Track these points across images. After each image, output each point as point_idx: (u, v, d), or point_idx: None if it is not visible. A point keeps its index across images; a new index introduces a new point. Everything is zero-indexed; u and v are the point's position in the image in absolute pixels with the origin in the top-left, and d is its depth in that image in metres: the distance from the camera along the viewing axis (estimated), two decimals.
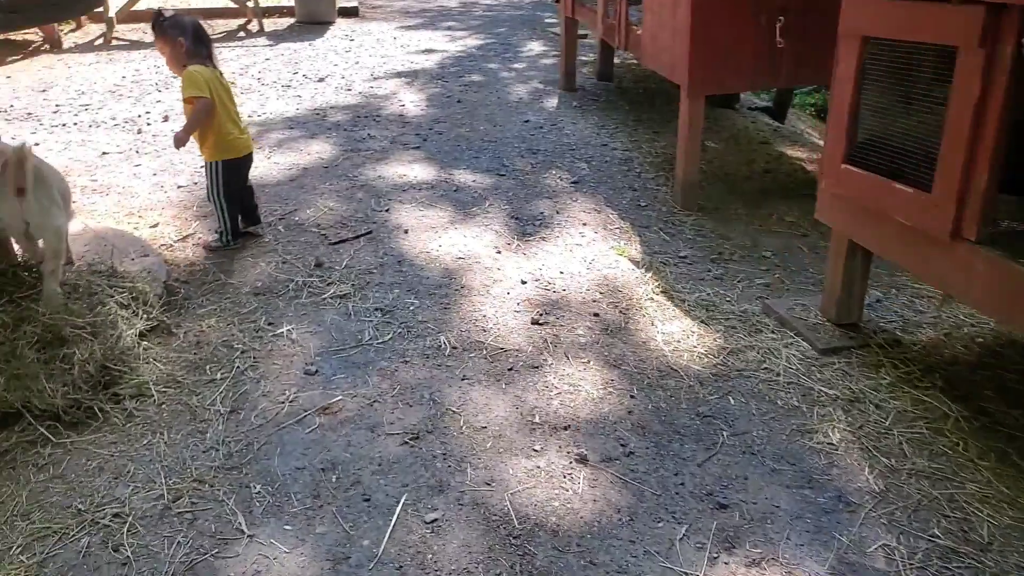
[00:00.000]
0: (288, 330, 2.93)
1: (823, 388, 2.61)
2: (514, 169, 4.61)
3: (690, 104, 3.97)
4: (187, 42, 3.34)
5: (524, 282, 3.32)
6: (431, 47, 7.84)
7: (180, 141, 3.38)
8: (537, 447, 2.32)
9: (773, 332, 2.97)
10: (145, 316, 2.81)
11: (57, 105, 5.83)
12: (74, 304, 2.64)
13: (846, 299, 2.91)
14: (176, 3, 9.02)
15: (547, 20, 9.42)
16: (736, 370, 2.73)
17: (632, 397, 2.57)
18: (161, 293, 3.04)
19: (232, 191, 3.54)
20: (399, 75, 6.70)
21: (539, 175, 4.54)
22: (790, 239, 3.84)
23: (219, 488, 2.15)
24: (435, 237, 3.71)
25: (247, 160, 3.63)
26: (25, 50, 7.50)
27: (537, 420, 2.44)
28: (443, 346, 2.85)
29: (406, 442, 2.33)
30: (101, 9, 7.96)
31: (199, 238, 3.69)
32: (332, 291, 3.21)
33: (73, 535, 1.98)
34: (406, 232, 3.75)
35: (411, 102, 5.91)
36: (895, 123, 2.46)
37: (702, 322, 3.03)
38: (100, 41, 7.98)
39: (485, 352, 2.81)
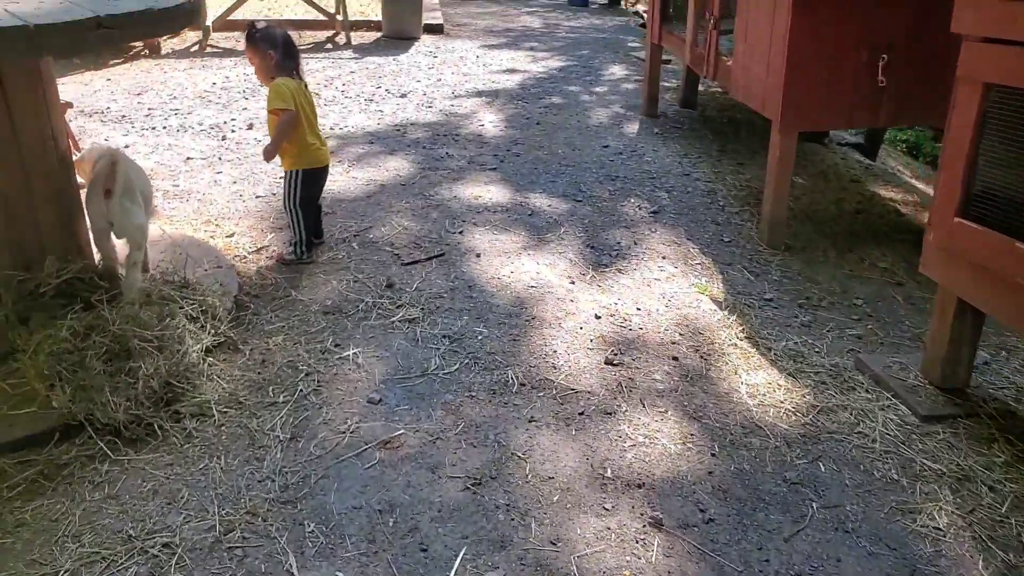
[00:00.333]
0: (354, 353, 2.86)
1: (926, 461, 2.37)
2: (591, 195, 4.47)
3: (781, 140, 3.76)
4: (277, 55, 3.37)
5: (598, 317, 3.17)
6: (513, 67, 7.79)
7: (269, 154, 3.43)
8: (608, 505, 2.16)
9: (867, 391, 2.74)
10: (213, 331, 2.77)
11: (150, 109, 5.99)
12: (144, 315, 2.62)
13: (952, 361, 2.66)
14: (270, 14, 9.25)
15: (630, 44, 9.28)
16: (827, 432, 2.51)
17: (713, 455, 2.38)
18: (231, 307, 3.01)
19: (308, 201, 3.54)
20: (480, 94, 6.66)
21: (617, 203, 4.39)
22: (883, 287, 3.59)
23: (272, 523, 2.06)
24: (507, 263, 3.60)
25: (325, 172, 3.64)
26: (127, 54, 7.77)
27: (609, 474, 2.28)
28: (511, 381, 2.72)
29: (468, 487, 2.21)
30: None
31: (273, 250, 3.67)
32: (401, 314, 3.13)
33: (121, 563, 1.91)
34: (478, 256, 3.66)
35: (490, 122, 5.85)
36: (1020, 176, 2.23)
37: (789, 374, 2.82)
38: (196, 48, 8.22)
39: (555, 392, 2.67)
